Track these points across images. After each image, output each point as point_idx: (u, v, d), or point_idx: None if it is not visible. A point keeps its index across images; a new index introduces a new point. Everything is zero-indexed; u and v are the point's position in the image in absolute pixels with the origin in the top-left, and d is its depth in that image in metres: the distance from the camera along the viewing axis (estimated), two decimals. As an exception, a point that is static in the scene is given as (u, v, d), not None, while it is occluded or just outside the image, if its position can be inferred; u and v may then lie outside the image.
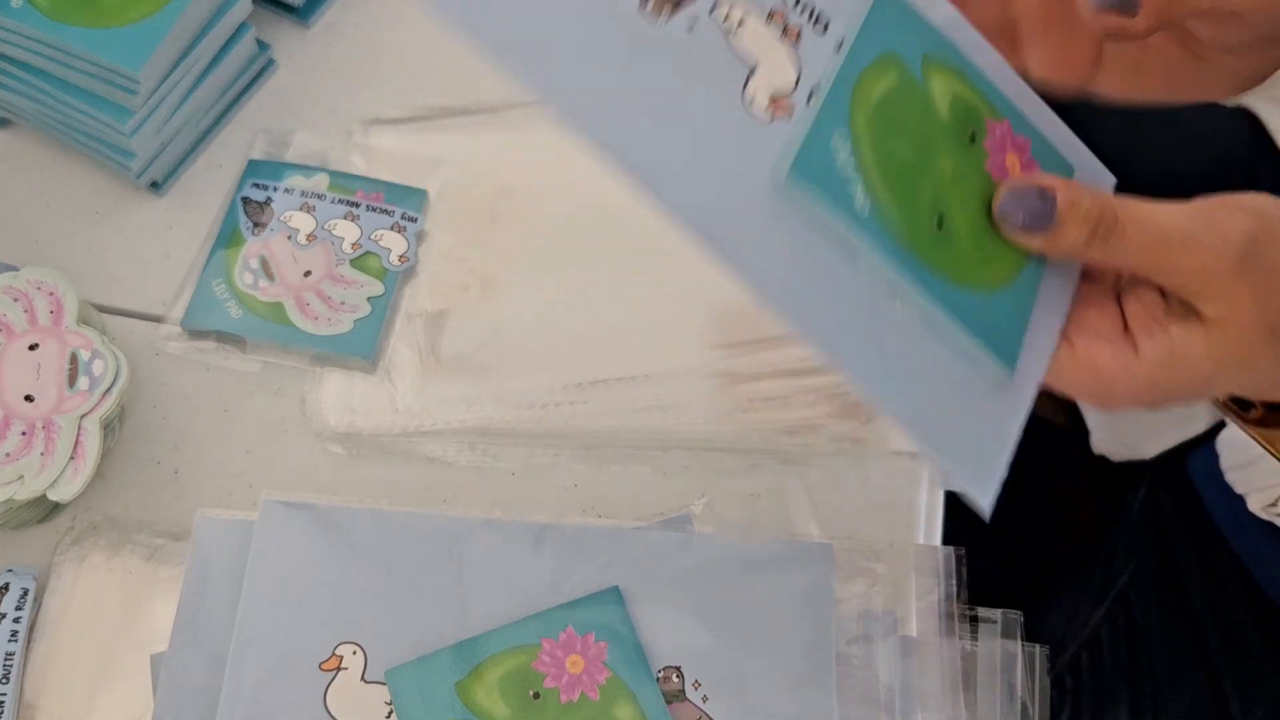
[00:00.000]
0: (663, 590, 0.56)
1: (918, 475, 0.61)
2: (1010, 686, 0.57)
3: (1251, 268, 0.41)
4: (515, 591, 0.56)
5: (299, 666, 0.54)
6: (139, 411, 0.63)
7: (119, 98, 0.62)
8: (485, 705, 0.54)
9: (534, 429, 0.62)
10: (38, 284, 0.60)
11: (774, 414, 0.62)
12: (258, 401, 0.63)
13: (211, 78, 0.66)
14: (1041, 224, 0.44)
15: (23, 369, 0.58)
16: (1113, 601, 0.73)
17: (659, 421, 0.62)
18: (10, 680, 0.55)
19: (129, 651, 0.56)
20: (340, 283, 0.64)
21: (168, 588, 0.57)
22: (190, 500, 0.61)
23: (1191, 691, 0.68)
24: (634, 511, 0.60)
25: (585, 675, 0.54)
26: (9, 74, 0.64)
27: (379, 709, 0.54)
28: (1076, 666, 0.72)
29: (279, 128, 0.70)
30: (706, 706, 0.54)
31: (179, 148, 0.68)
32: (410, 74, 0.71)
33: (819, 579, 0.57)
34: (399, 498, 0.61)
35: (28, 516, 0.59)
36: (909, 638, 0.57)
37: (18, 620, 0.56)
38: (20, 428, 0.57)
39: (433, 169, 0.67)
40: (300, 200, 0.66)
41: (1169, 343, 0.43)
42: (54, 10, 0.61)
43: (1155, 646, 0.70)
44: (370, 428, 0.62)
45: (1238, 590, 0.69)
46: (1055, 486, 0.87)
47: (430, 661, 0.54)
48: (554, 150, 0.69)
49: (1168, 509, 0.73)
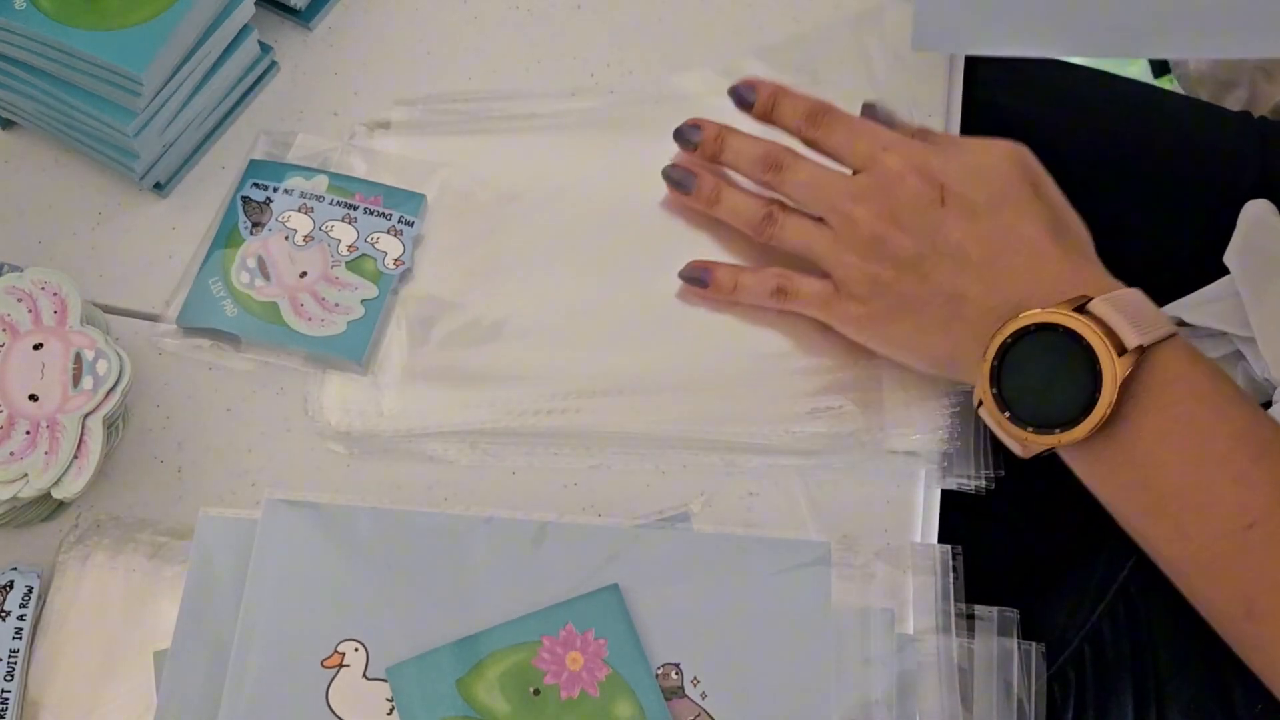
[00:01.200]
0: (662, 588, 0.57)
1: (915, 474, 0.62)
2: (1007, 684, 0.57)
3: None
4: (515, 589, 0.56)
5: (301, 663, 0.55)
6: (142, 410, 0.63)
7: (122, 99, 0.62)
8: (486, 702, 0.54)
9: (534, 429, 0.62)
10: (42, 284, 0.60)
11: (774, 414, 0.62)
12: (260, 401, 0.64)
13: (214, 80, 0.67)
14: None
15: (27, 368, 0.59)
16: (1114, 595, 0.73)
17: (658, 424, 0.62)
18: (14, 678, 0.55)
19: (132, 649, 0.57)
20: (335, 284, 0.64)
21: (171, 586, 0.58)
22: (193, 499, 0.61)
23: (1195, 682, 0.68)
24: (633, 510, 0.61)
25: (585, 672, 0.55)
26: (12, 75, 0.64)
27: (380, 706, 0.54)
28: (1080, 660, 0.72)
29: (281, 129, 0.70)
30: (705, 703, 0.55)
31: (182, 149, 0.68)
32: (411, 77, 0.72)
33: (817, 577, 0.57)
34: (400, 496, 0.61)
35: (32, 515, 0.60)
36: (906, 636, 0.57)
37: (22, 618, 0.56)
38: (24, 427, 0.57)
39: (432, 173, 0.68)
40: (299, 201, 0.66)
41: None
42: (57, 12, 0.61)
43: (1158, 639, 0.70)
44: (372, 428, 0.62)
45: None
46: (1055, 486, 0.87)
47: (431, 658, 0.55)
48: (554, 155, 0.69)
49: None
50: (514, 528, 0.58)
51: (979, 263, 0.58)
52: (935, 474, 0.62)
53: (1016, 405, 0.55)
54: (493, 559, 0.57)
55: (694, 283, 0.64)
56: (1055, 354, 0.54)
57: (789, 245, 0.63)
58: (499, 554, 0.57)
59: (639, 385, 0.63)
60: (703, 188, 0.65)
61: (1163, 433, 0.53)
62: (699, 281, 0.64)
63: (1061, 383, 0.54)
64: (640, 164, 0.68)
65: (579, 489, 0.62)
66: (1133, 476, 0.54)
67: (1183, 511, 0.53)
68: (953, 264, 0.58)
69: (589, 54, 0.72)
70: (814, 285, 0.62)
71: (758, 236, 0.64)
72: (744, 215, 0.64)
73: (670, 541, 0.58)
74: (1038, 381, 0.54)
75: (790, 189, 0.63)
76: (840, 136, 0.62)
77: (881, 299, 0.60)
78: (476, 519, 0.58)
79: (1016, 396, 0.55)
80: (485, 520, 0.58)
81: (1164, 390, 0.53)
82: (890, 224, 0.59)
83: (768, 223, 0.63)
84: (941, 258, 0.58)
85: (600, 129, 0.70)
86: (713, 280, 0.64)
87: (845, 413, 0.62)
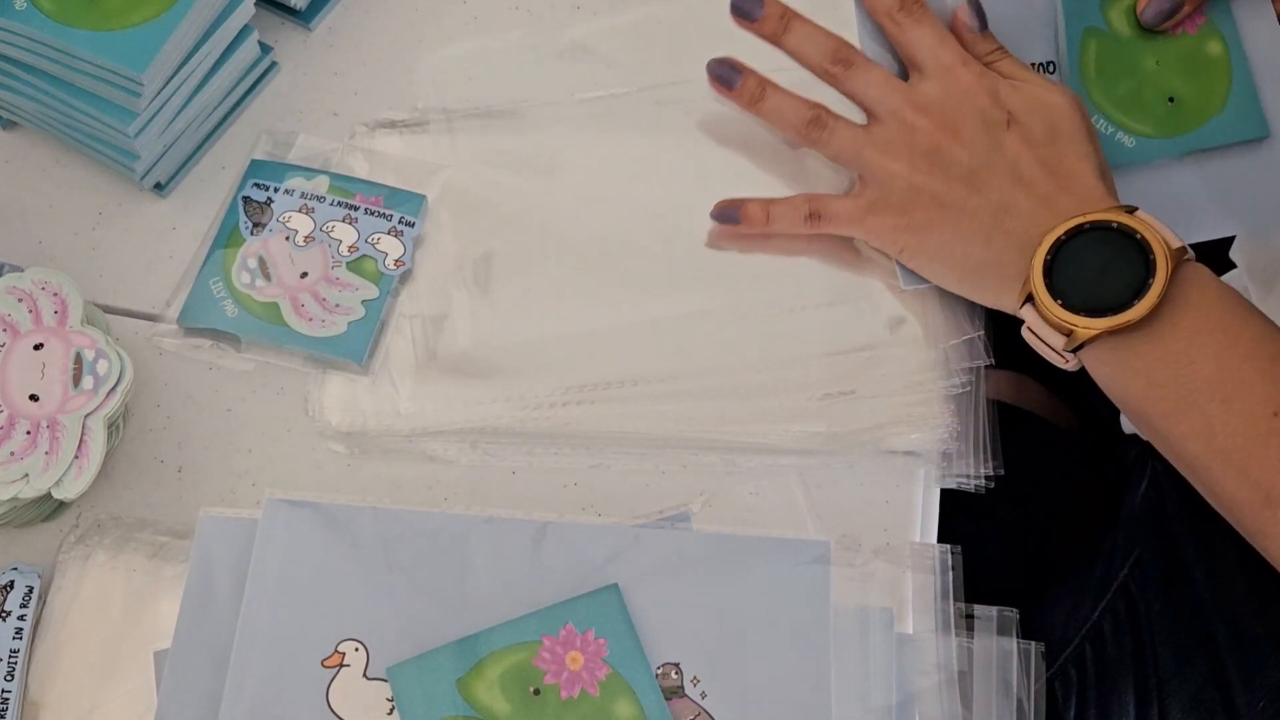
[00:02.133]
0: (662, 587, 0.57)
1: (914, 474, 0.62)
2: (1006, 683, 0.57)
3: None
4: (515, 588, 0.57)
5: (301, 663, 0.55)
6: (143, 411, 0.63)
7: (123, 100, 0.63)
8: (486, 701, 0.54)
9: (534, 429, 0.62)
10: (42, 284, 0.61)
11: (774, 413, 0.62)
12: (260, 401, 0.64)
13: (215, 80, 0.67)
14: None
15: (28, 368, 0.59)
16: (1115, 594, 0.73)
17: (659, 423, 0.62)
18: (15, 678, 0.55)
19: (133, 649, 0.57)
20: (336, 285, 0.64)
21: (171, 585, 0.58)
22: (193, 499, 0.61)
23: (1196, 681, 0.68)
24: (633, 509, 0.61)
25: (585, 671, 0.55)
26: (13, 76, 0.64)
27: (381, 705, 0.55)
28: (1081, 659, 0.72)
29: (282, 129, 0.70)
30: (705, 703, 0.55)
31: (182, 150, 0.68)
32: (411, 78, 0.72)
33: (816, 577, 0.57)
34: (400, 496, 0.61)
35: (32, 515, 0.60)
36: (905, 635, 0.57)
37: (22, 618, 0.56)
38: (25, 427, 0.58)
39: (433, 173, 0.68)
40: (300, 202, 0.66)
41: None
42: (58, 13, 0.62)
43: (1159, 637, 0.70)
44: (372, 427, 0.62)
45: (1241, 581, 0.69)
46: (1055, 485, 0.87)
47: (431, 658, 0.55)
48: (554, 155, 0.69)
49: (1171, 502, 0.73)
50: (514, 528, 0.58)
51: (1032, 181, 0.60)
52: (935, 473, 0.62)
53: (1069, 294, 0.57)
54: (493, 559, 0.57)
55: (726, 220, 0.65)
56: (1108, 247, 0.57)
57: (833, 150, 0.63)
58: (499, 554, 0.57)
59: (640, 383, 0.63)
60: (747, 84, 0.64)
61: (1195, 331, 0.56)
62: (730, 219, 0.64)
63: (1114, 271, 0.56)
64: (642, 163, 0.68)
65: (579, 489, 0.62)
66: (1167, 373, 0.56)
67: (1210, 404, 0.55)
68: (1007, 179, 0.60)
69: (589, 54, 0.72)
70: (847, 203, 0.63)
71: (802, 140, 0.63)
72: (788, 117, 0.64)
73: (670, 541, 0.58)
74: (1091, 272, 0.57)
75: (857, 86, 0.63)
76: (926, 34, 0.63)
77: (922, 210, 0.61)
78: (476, 519, 0.58)
79: (1069, 286, 0.57)
80: (485, 520, 0.58)
81: (1197, 294, 0.57)
82: (951, 136, 0.61)
83: (814, 126, 0.63)
84: (995, 173, 0.60)
85: (601, 129, 0.70)
86: (745, 215, 0.64)
87: (852, 400, 0.62)
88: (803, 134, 0.63)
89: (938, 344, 0.63)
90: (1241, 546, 0.69)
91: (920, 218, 0.61)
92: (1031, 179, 0.60)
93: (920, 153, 0.61)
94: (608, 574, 0.57)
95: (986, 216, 0.60)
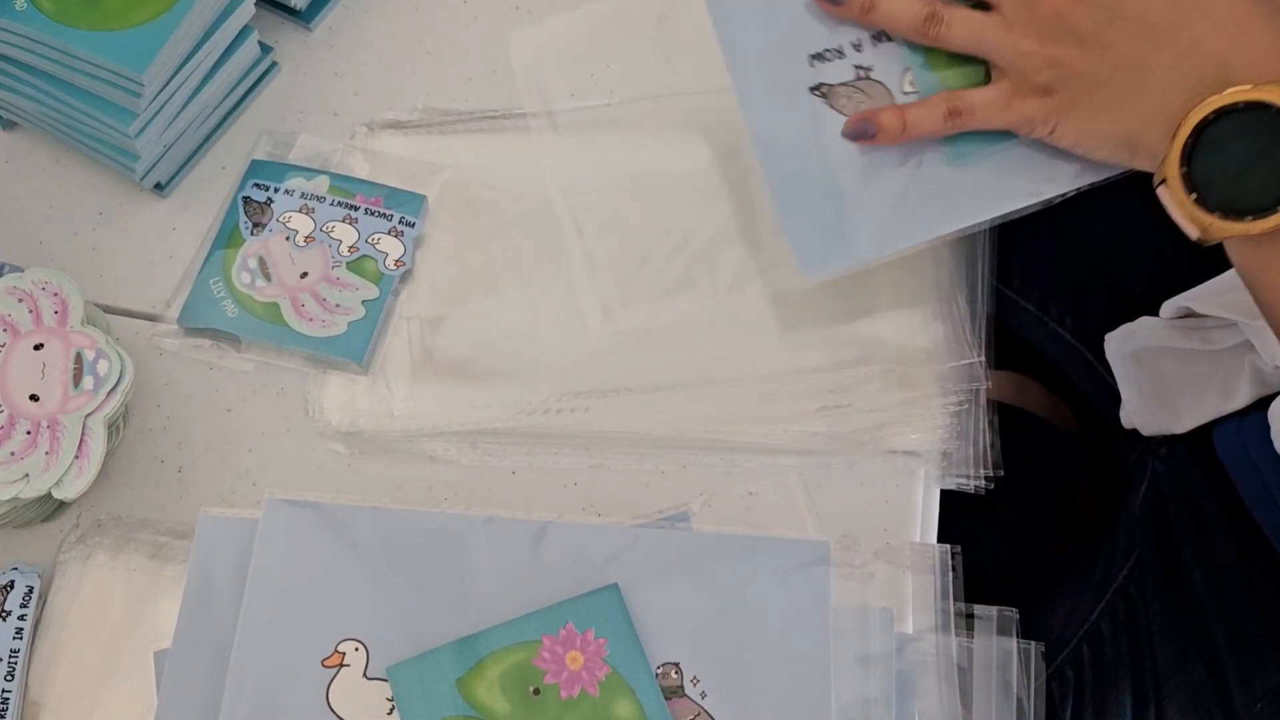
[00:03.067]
0: (661, 587, 0.57)
1: (914, 474, 0.62)
2: (1006, 683, 0.57)
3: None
4: (515, 588, 0.57)
5: (301, 663, 0.55)
6: (143, 411, 0.63)
7: (123, 100, 0.63)
8: (486, 701, 0.54)
9: (536, 429, 0.62)
10: (43, 284, 0.61)
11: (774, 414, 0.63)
12: (260, 401, 0.64)
13: (215, 80, 0.67)
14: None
15: (28, 369, 0.59)
16: (1114, 595, 0.73)
17: (658, 423, 0.62)
18: (15, 677, 0.56)
19: (133, 648, 0.57)
20: (336, 285, 0.64)
21: (171, 585, 0.58)
22: (194, 499, 0.61)
23: (1194, 682, 0.68)
24: (633, 509, 0.61)
25: (585, 671, 0.55)
26: (14, 76, 0.64)
27: (381, 705, 0.55)
28: (1079, 660, 0.72)
29: (282, 130, 0.70)
30: (705, 703, 0.55)
31: (183, 150, 0.68)
32: (412, 78, 0.72)
33: (816, 577, 0.57)
34: (401, 496, 0.61)
35: (33, 515, 0.60)
36: (905, 635, 0.57)
37: (23, 618, 0.57)
38: (25, 427, 0.58)
39: (433, 173, 0.68)
40: (300, 202, 0.66)
41: None
42: (58, 13, 0.62)
43: (1157, 638, 0.70)
44: (372, 428, 0.62)
45: (1240, 582, 0.69)
46: (1055, 486, 0.87)
47: (431, 658, 0.55)
48: (555, 156, 0.69)
49: (1171, 503, 0.74)
50: (514, 528, 0.58)
51: (1166, 28, 0.54)
52: (935, 473, 0.62)
53: (1206, 188, 0.52)
54: (493, 559, 0.57)
55: (861, 137, 0.60)
56: (1262, 137, 0.51)
57: (957, 43, 0.59)
58: (499, 554, 0.57)
59: (640, 385, 0.63)
60: None
61: None
62: (865, 134, 0.60)
63: (1262, 167, 0.51)
64: (642, 164, 0.68)
65: (579, 489, 0.62)
66: None
67: None
68: (1137, 30, 0.54)
69: (589, 54, 0.72)
70: (987, 94, 0.59)
71: (921, 38, 0.60)
72: (904, 18, 0.60)
73: (670, 541, 0.58)
74: (1235, 164, 0.52)
75: None
76: None
77: (1066, 87, 0.57)
78: (476, 519, 0.58)
79: (1208, 179, 0.52)
80: (485, 520, 0.58)
81: None
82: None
83: (931, 22, 0.59)
84: (1124, 24, 0.55)
85: (601, 129, 0.70)
86: (880, 127, 0.60)
87: (848, 411, 0.62)
88: (921, 32, 0.59)
89: (937, 365, 0.63)
90: (1241, 547, 0.70)
91: (1065, 96, 0.57)
92: (1165, 26, 0.54)
93: (1044, 22, 0.56)
94: (607, 574, 0.57)
95: (1123, 78, 0.55)
